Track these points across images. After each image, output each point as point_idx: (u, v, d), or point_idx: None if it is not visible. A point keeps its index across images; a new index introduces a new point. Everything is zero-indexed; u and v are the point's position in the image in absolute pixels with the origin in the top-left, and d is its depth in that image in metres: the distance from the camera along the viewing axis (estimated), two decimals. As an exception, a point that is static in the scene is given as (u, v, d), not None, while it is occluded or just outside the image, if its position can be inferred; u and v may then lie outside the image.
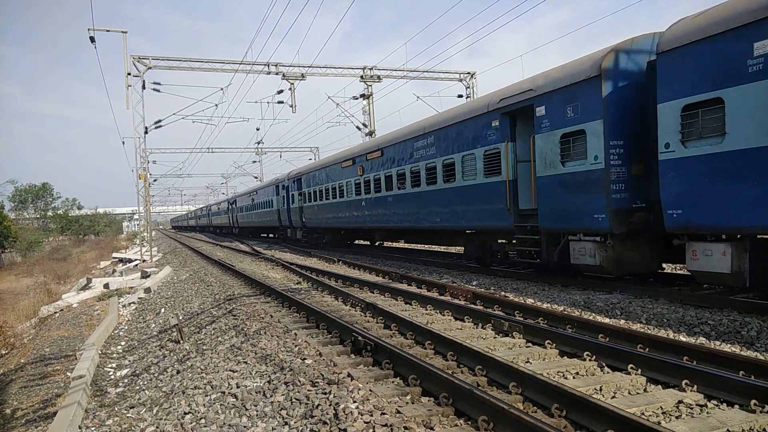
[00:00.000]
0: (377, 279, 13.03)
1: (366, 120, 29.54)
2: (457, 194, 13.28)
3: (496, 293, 9.88)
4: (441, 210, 14.20)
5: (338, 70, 28.15)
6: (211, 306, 11.44)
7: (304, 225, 27.28)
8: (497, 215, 11.79)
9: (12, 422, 7.13)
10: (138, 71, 25.26)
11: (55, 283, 26.69)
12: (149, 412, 6.21)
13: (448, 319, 8.22)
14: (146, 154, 30.40)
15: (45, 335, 12.60)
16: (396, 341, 6.74)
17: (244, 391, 5.52)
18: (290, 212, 29.24)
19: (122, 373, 8.62)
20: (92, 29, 23.54)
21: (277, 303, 10.49)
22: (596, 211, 9.15)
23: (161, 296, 15.68)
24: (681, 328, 7.04)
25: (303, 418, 4.52)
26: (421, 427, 4.08)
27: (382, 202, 17.89)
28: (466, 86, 30.04)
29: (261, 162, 61.15)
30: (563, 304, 8.82)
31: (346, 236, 25.50)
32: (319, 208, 24.47)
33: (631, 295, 9.07)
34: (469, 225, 13.22)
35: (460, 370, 5.55)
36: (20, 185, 68.89)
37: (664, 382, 4.91)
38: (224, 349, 7.54)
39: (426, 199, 14.89)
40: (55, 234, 63.81)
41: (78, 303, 17.07)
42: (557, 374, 5.29)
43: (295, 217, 28.53)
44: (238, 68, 25.91)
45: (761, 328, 6.59)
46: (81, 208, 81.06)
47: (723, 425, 3.96)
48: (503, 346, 6.45)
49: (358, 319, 8.33)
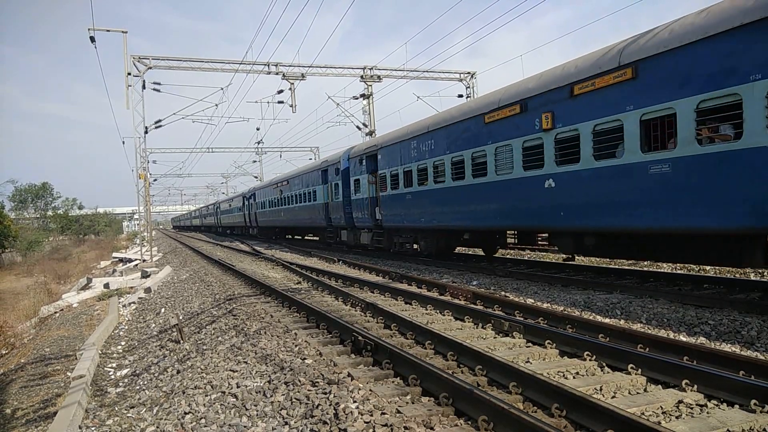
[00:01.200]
0: (377, 279, 13.02)
1: (366, 120, 29.53)
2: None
3: (496, 293, 9.88)
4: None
5: (338, 70, 28.13)
6: (211, 306, 11.44)
7: (379, 224, 18.75)
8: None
9: (12, 422, 7.13)
10: (138, 71, 25.26)
11: (55, 282, 26.71)
12: (149, 412, 6.21)
13: (448, 319, 8.22)
14: (146, 153, 30.40)
15: (45, 335, 12.60)
16: (396, 341, 6.74)
17: (245, 391, 5.52)
18: (351, 206, 21.03)
19: (122, 372, 8.62)
20: (92, 29, 23.54)
21: (277, 303, 10.49)
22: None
23: (161, 296, 15.68)
24: (681, 328, 7.04)
25: (303, 418, 4.53)
26: (422, 426, 4.08)
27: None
28: (467, 86, 30.03)
29: (261, 162, 61.17)
30: (563, 304, 8.82)
31: (478, 240, 16.24)
32: (415, 198, 15.98)
33: (631, 295, 9.07)
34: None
35: (460, 370, 5.55)
36: (20, 185, 69.00)
37: (665, 382, 4.91)
38: (224, 349, 7.54)
39: None
40: (55, 234, 63.84)
41: (78, 303, 17.07)
42: (557, 374, 5.29)
43: (360, 213, 20.18)
44: (238, 68, 25.90)
45: (761, 328, 6.59)
46: (81, 208, 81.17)
47: (723, 425, 3.96)
48: (503, 346, 6.45)
49: (359, 319, 8.33)
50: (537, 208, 10.89)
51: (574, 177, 9.90)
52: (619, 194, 9.04)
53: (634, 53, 8.63)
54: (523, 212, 11.37)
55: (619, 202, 9.06)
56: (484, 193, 12.53)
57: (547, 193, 10.53)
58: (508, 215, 11.89)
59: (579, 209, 9.92)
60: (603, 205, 9.42)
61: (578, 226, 10.11)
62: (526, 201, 11.19)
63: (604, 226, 9.58)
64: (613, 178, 9.11)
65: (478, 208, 12.84)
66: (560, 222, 10.36)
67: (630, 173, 8.74)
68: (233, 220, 51.15)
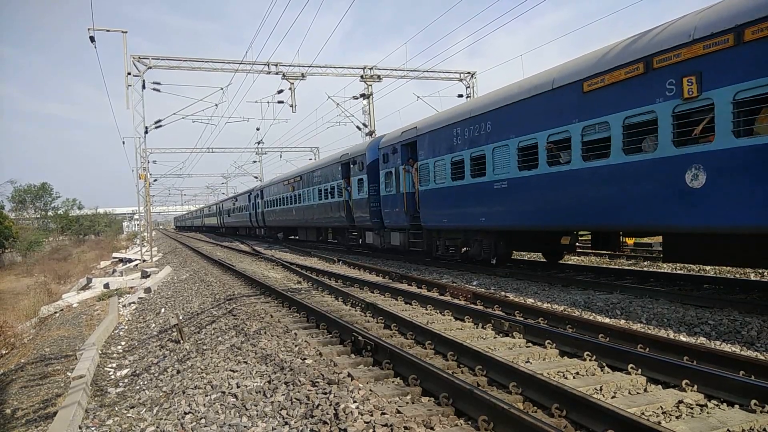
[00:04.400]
0: (377, 279, 13.02)
1: (366, 120, 29.53)
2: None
3: (496, 293, 9.88)
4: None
5: (338, 69, 28.13)
6: (211, 306, 11.44)
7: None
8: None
9: (12, 422, 7.13)
10: (138, 71, 25.26)
11: (55, 283, 26.72)
12: (149, 412, 6.21)
13: (448, 319, 8.22)
14: (146, 154, 30.40)
15: (45, 335, 12.61)
16: (396, 341, 6.74)
17: (245, 391, 5.52)
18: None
19: (122, 373, 8.62)
20: (92, 29, 23.55)
21: (277, 303, 10.49)
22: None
23: (161, 296, 15.68)
24: (681, 328, 7.04)
25: (303, 418, 4.52)
26: (422, 426, 4.08)
27: None
28: (467, 86, 30.03)
29: (261, 162, 61.14)
30: (563, 304, 8.82)
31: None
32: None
33: (632, 295, 9.07)
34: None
35: (461, 370, 5.54)
36: (20, 185, 69.06)
37: (665, 382, 4.91)
38: (224, 349, 7.54)
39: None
40: (55, 234, 63.90)
41: (78, 303, 17.07)
42: (557, 374, 5.28)
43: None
44: (238, 68, 25.89)
45: (761, 328, 6.59)
46: (81, 208, 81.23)
47: (723, 425, 3.96)
48: (503, 346, 6.45)
49: (359, 319, 8.33)
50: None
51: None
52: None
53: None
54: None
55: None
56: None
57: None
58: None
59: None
60: None
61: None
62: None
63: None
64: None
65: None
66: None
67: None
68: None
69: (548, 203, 10.63)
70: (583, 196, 9.75)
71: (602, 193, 9.36)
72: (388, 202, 17.65)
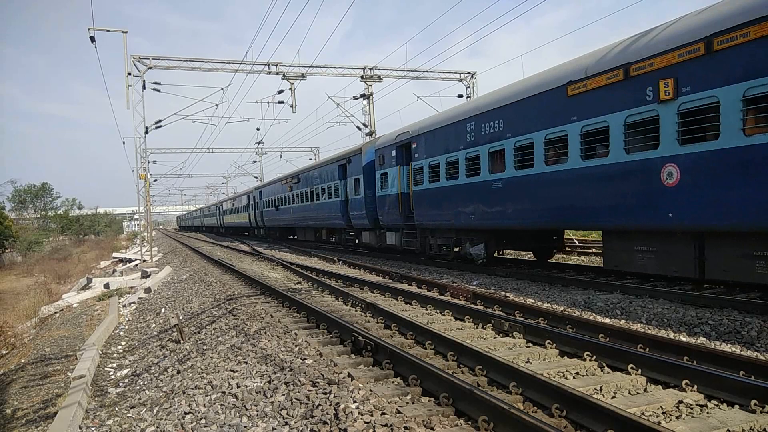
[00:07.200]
0: (377, 279, 13.03)
1: (366, 120, 29.53)
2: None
3: (496, 293, 9.88)
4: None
5: (338, 70, 28.13)
6: (211, 306, 11.44)
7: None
8: None
9: (12, 422, 7.13)
10: (138, 71, 25.28)
11: (56, 283, 26.71)
12: (149, 412, 6.21)
13: (448, 319, 8.22)
14: (146, 154, 30.39)
15: (45, 335, 12.61)
16: (396, 341, 6.74)
17: (245, 391, 5.52)
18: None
19: (122, 373, 8.62)
20: (92, 29, 23.56)
21: (277, 303, 10.49)
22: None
23: (161, 296, 15.68)
24: (681, 328, 7.04)
25: (303, 418, 4.53)
26: (422, 427, 4.08)
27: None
28: (467, 86, 30.03)
29: (261, 162, 61.16)
30: (563, 304, 8.82)
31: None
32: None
33: (632, 295, 9.06)
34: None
35: (461, 370, 5.55)
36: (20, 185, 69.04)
37: (665, 382, 4.91)
38: (224, 349, 7.54)
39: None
40: (55, 234, 63.87)
41: (78, 303, 17.07)
42: (557, 374, 5.29)
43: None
44: (239, 68, 25.90)
45: (761, 328, 6.59)
46: (81, 208, 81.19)
47: (723, 425, 3.96)
48: (503, 346, 6.45)
49: (359, 319, 8.33)
50: None
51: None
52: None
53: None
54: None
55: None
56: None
57: None
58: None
59: None
60: None
61: None
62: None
63: None
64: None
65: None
66: None
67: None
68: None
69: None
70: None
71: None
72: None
